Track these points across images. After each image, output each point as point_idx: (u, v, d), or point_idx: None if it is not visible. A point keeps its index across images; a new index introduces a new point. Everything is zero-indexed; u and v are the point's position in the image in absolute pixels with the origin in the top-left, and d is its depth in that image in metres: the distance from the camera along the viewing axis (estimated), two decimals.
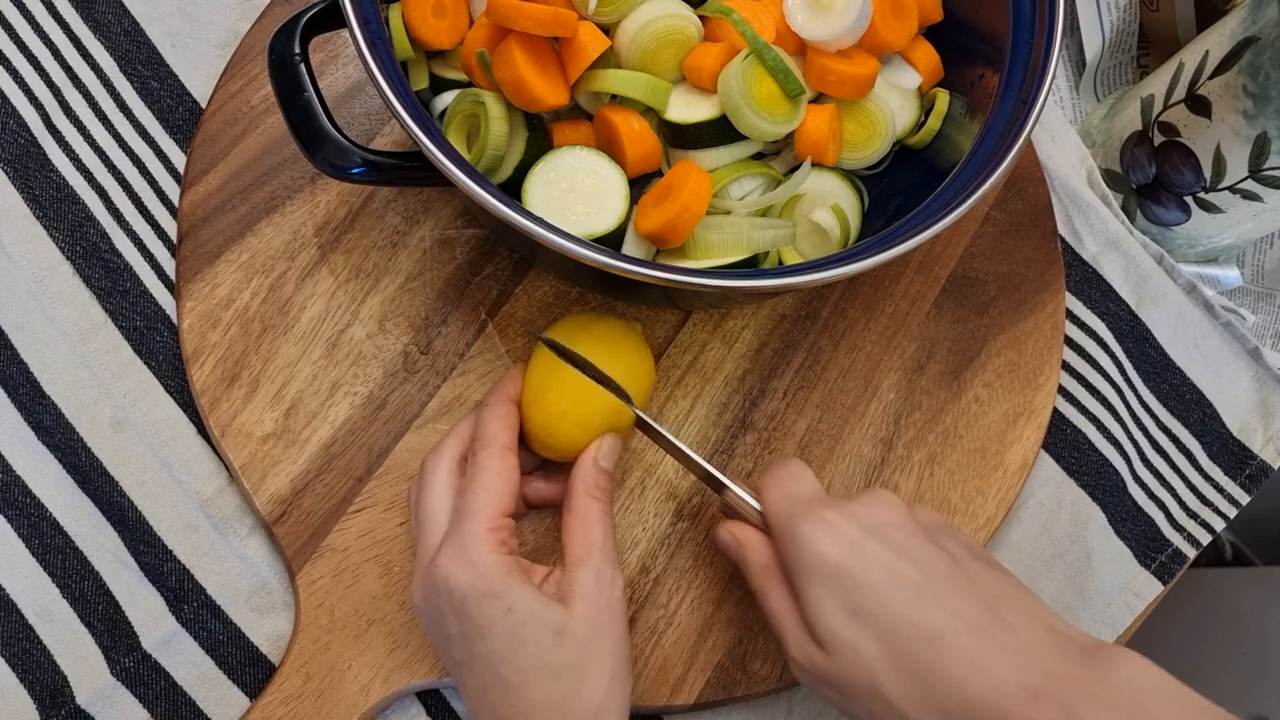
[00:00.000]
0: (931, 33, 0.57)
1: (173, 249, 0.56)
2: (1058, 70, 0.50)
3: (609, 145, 0.52)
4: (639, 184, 0.53)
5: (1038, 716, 0.37)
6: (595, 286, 0.57)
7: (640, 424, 0.51)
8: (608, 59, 0.51)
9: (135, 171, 0.57)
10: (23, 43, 0.58)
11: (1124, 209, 0.64)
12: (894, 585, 0.42)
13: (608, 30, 0.51)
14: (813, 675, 0.43)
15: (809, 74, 0.53)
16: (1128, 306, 0.63)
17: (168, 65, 0.59)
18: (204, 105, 0.58)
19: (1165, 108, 0.58)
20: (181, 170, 0.57)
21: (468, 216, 0.58)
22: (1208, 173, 0.57)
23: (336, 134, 0.47)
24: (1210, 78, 0.55)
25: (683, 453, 0.51)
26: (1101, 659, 0.39)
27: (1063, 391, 0.61)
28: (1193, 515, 0.61)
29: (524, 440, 0.50)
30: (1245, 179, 0.56)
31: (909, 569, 0.42)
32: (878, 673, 0.40)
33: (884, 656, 0.40)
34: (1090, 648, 0.40)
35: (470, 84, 0.53)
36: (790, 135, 0.52)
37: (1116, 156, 0.64)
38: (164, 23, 0.60)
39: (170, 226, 0.57)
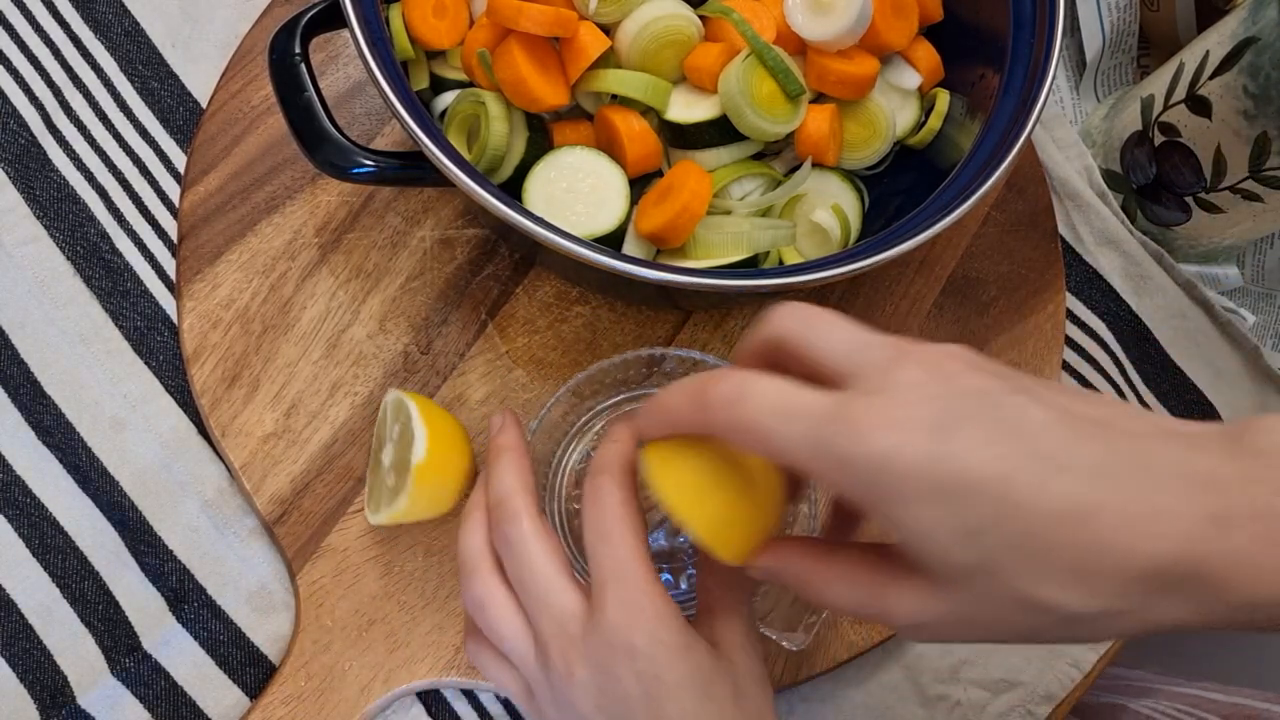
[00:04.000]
0: (932, 33, 0.57)
1: (173, 249, 0.56)
2: (1058, 70, 0.50)
3: (609, 145, 0.52)
4: (639, 184, 0.53)
5: (1236, 539, 0.30)
6: (596, 286, 0.57)
7: None
8: (608, 59, 0.51)
9: (136, 171, 0.57)
10: (23, 43, 0.58)
11: (1124, 209, 0.64)
12: (1009, 473, 0.31)
13: (608, 30, 0.51)
14: (928, 628, 0.34)
15: (809, 74, 0.53)
16: (1128, 306, 0.63)
17: (168, 65, 0.59)
18: (204, 105, 0.58)
19: (1165, 108, 0.59)
20: (182, 170, 0.57)
21: (468, 216, 0.58)
22: (1208, 173, 0.57)
23: (337, 134, 0.47)
24: (1210, 78, 0.55)
25: None
26: (1245, 442, 0.32)
27: None
28: None
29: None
30: (1245, 179, 0.56)
31: (1019, 442, 0.31)
32: (1025, 584, 0.31)
33: (1026, 563, 0.31)
34: (1223, 434, 0.32)
35: (471, 84, 0.53)
36: (791, 135, 0.52)
37: (1116, 156, 0.64)
38: (165, 23, 0.60)
39: (171, 226, 0.57)
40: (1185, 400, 0.62)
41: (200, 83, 0.59)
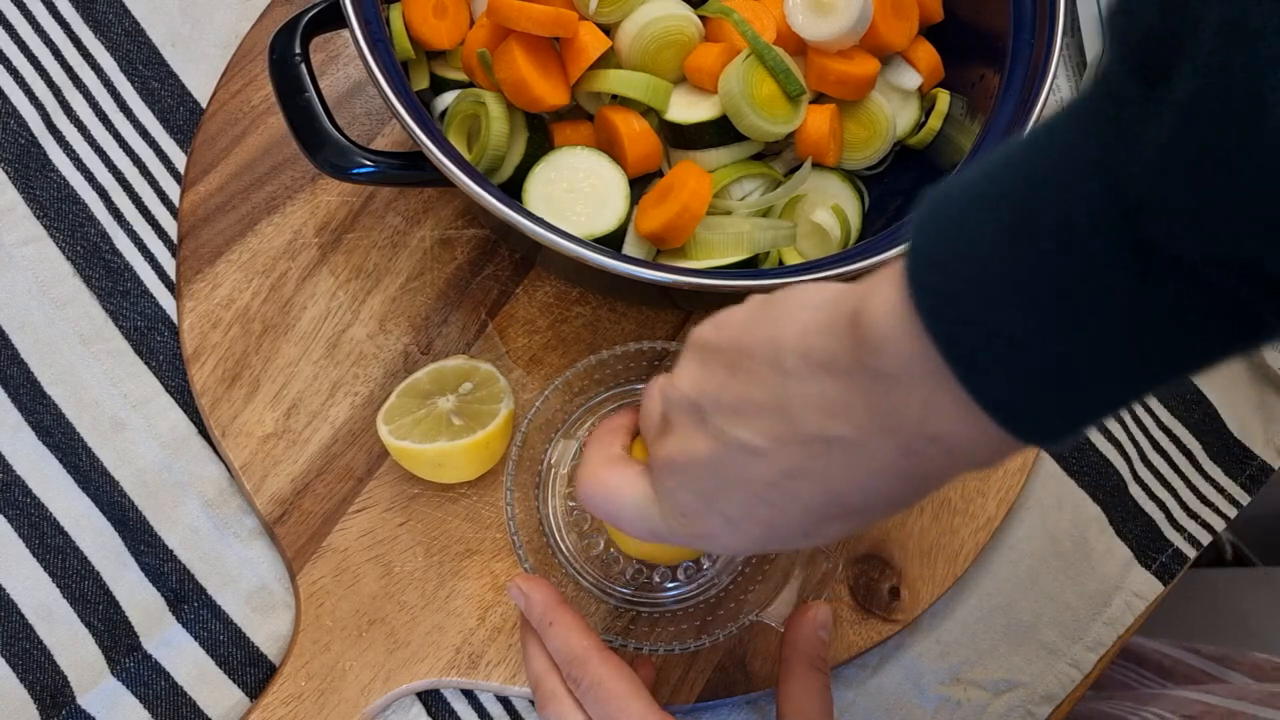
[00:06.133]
0: (932, 33, 0.57)
1: (173, 249, 0.56)
2: (1058, 70, 0.50)
3: (609, 145, 0.52)
4: (639, 184, 0.53)
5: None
6: (596, 287, 0.57)
7: None
8: (608, 59, 0.51)
9: (136, 172, 0.57)
10: (23, 43, 0.58)
11: None
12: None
13: (608, 30, 0.51)
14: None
15: (809, 74, 0.53)
16: None
17: (168, 65, 0.59)
18: (205, 105, 0.58)
19: None
20: (182, 170, 0.57)
21: (468, 216, 0.58)
22: None
23: (337, 134, 0.47)
24: None
25: None
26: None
27: None
28: (1193, 515, 0.61)
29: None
30: None
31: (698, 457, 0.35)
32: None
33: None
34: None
35: (471, 84, 0.53)
36: (791, 135, 0.52)
37: None
38: (165, 23, 0.60)
39: (171, 227, 0.57)
40: (1185, 400, 0.62)
41: (200, 83, 0.59)
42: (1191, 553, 0.60)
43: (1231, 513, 0.61)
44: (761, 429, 0.32)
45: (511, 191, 0.51)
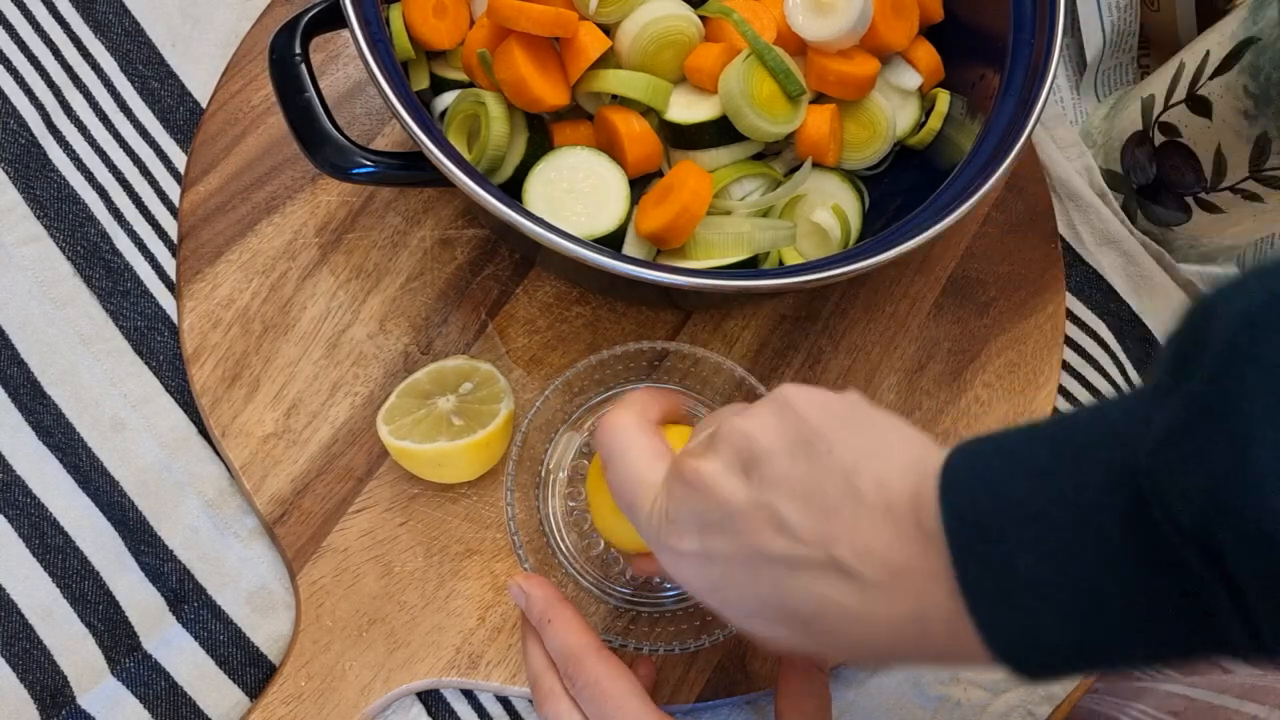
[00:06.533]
0: (932, 33, 0.57)
1: (173, 249, 0.56)
2: (1058, 70, 0.50)
3: (609, 146, 0.52)
4: (639, 184, 0.53)
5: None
6: (596, 287, 0.57)
7: None
8: (608, 59, 0.51)
9: (136, 171, 0.57)
10: (23, 43, 0.58)
11: (1124, 209, 0.64)
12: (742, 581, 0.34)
13: (608, 30, 0.51)
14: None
15: (809, 74, 0.53)
16: (1128, 306, 0.63)
17: (168, 65, 0.59)
18: (205, 105, 0.58)
19: (1166, 108, 0.58)
20: (182, 170, 0.57)
21: (468, 216, 0.58)
22: (1208, 173, 0.57)
23: (337, 134, 0.47)
24: (1211, 78, 0.55)
25: None
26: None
27: (1063, 391, 0.61)
28: None
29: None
30: (1246, 179, 0.56)
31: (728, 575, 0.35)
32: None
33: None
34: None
35: (471, 84, 0.53)
36: (791, 136, 0.52)
37: (1117, 156, 0.64)
38: (165, 23, 0.60)
39: (171, 226, 0.57)
40: None
41: (200, 83, 0.59)
42: None
43: None
44: (803, 520, 0.32)
45: (511, 191, 0.51)
